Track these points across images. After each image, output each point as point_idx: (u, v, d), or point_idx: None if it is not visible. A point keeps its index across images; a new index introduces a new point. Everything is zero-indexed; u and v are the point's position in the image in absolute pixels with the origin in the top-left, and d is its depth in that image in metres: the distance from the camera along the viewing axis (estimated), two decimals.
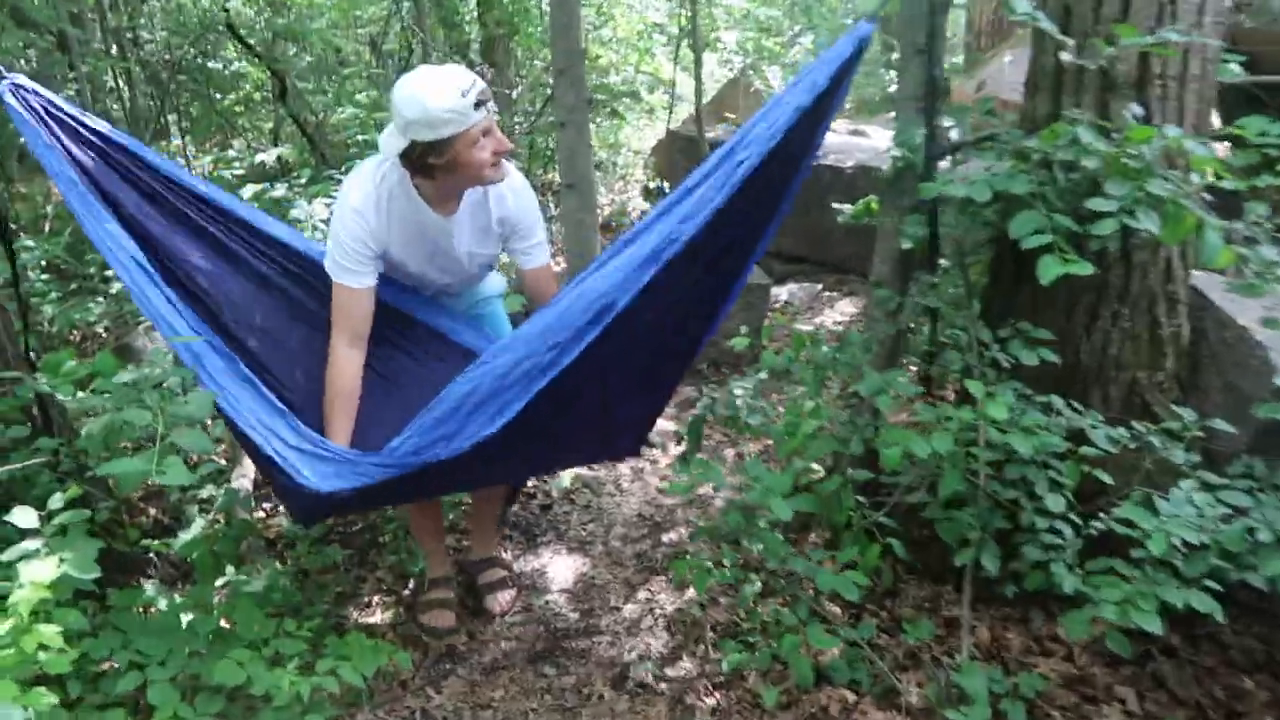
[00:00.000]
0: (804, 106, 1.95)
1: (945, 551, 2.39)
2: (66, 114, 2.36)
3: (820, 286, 5.95)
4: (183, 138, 9.23)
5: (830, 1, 12.58)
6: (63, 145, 2.32)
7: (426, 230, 2.34)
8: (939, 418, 2.14)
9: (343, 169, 4.95)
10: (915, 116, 2.66)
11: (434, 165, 2.17)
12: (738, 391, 2.52)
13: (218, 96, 8.96)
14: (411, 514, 2.83)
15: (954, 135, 2.53)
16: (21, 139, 2.34)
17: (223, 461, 3.69)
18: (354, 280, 2.30)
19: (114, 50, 6.95)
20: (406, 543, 3.07)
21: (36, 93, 2.35)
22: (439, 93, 2.07)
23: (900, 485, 2.38)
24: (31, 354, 2.72)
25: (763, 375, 2.55)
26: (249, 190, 4.42)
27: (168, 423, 2.10)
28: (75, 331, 4.92)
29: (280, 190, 4.49)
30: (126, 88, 7.40)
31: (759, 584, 2.58)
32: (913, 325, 2.72)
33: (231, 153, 5.91)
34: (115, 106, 7.49)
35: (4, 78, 2.34)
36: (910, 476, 2.31)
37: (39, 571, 1.88)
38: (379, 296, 2.38)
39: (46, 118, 2.33)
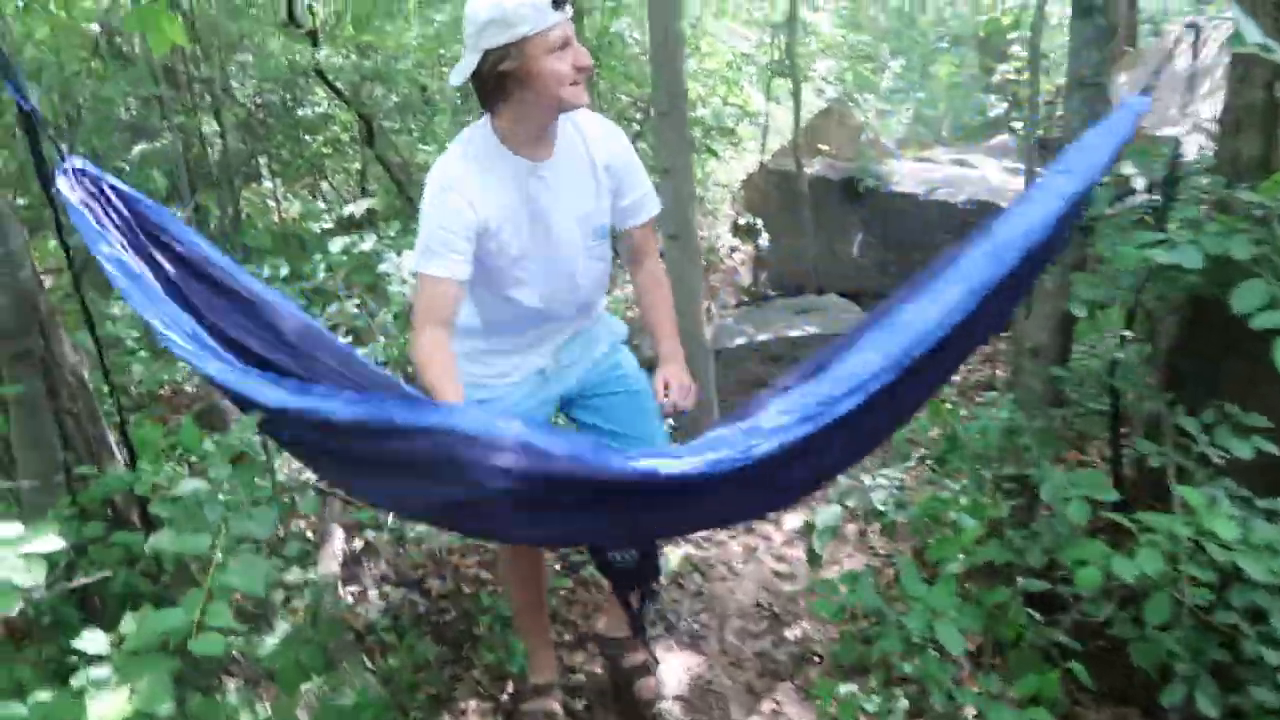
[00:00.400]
0: (1078, 195, 1.76)
1: (1130, 669, 2.03)
2: (121, 197, 2.20)
3: None
4: (273, 180, 9.33)
5: (921, 24, 12.23)
6: (120, 231, 2.16)
7: (523, 184, 2.05)
8: (1141, 530, 1.79)
9: None
10: None
11: (507, 77, 1.92)
12: (881, 481, 2.20)
13: (307, 139, 9.01)
14: (515, 601, 2.58)
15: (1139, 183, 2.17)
16: None
17: (309, 533, 3.51)
18: (442, 266, 1.98)
19: (206, 98, 6.99)
20: (504, 637, 2.81)
21: (94, 176, 2.18)
22: None
23: (1081, 596, 2.02)
24: (122, 418, 2.54)
25: (909, 463, 2.22)
26: (338, 243, 4.27)
27: (226, 547, 1.88)
28: (164, 388, 4.84)
29: (369, 243, 4.32)
30: (219, 134, 7.44)
31: (906, 702, 2.24)
32: (1080, 403, 2.36)
33: (320, 204, 5.83)
34: (210, 150, 7.55)
35: (63, 159, 2.17)
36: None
37: (108, 708, 1.67)
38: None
39: (100, 203, 2.17)
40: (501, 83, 1.93)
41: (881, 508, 2.17)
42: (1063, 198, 1.74)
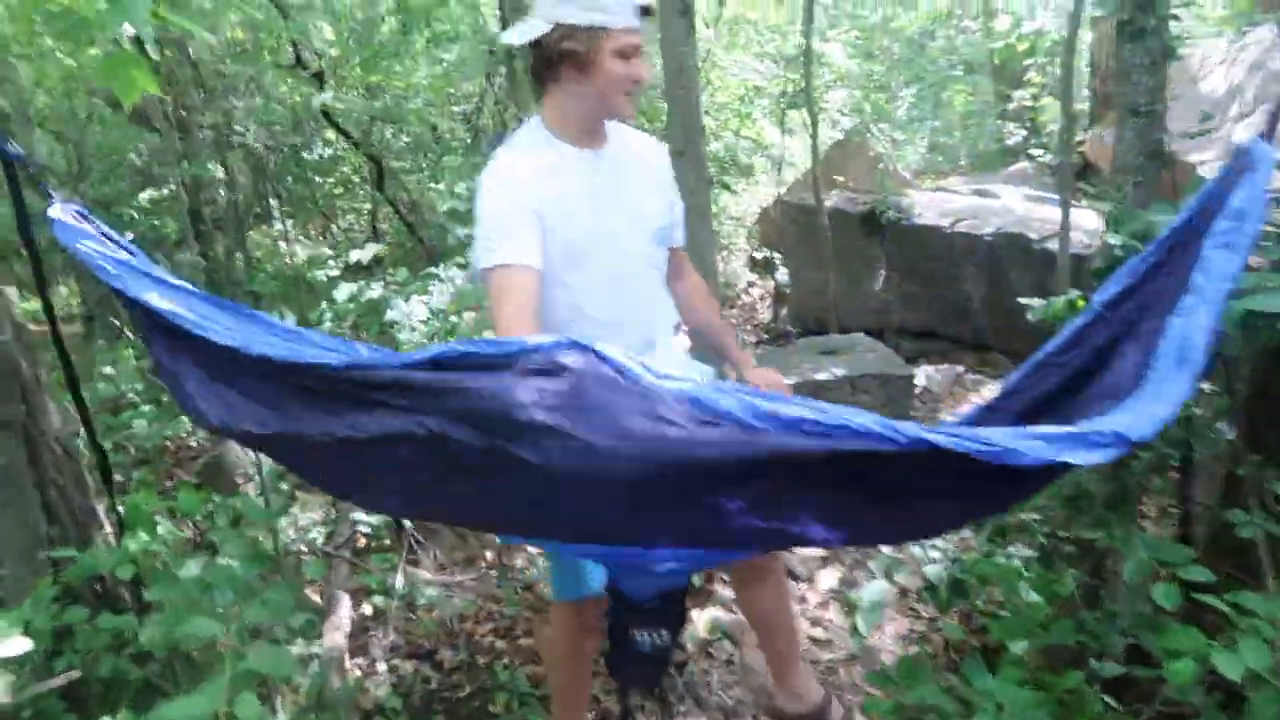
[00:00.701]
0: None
1: None
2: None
3: (960, 369, 5.35)
4: (283, 222, 9.24)
5: (931, 53, 12.11)
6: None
7: (578, 170, 1.92)
8: (1239, 614, 1.58)
9: (442, 263, 4.63)
10: (1136, 193, 2.15)
11: (567, 58, 1.85)
12: (933, 555, 1.99)
13: (317, 180, 8.93)
14: (556, 680, 2.32)
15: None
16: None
17: (315, 598, 3.32)
18: (509, 252, 1.79)
19: (212, 142, 6.91)
20: (523, 715, 2.61)
21: (85, 215, 2.02)
22: None
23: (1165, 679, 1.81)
24: (110, 488, 2.36)
25: (965, 532, 2.02)
26: (344, 291, 4.12)
27: (242, 633, 1.71)
28: (169, 442, 4.69)
29: (376, 289, 4.17)
30: (226, 179, 7.36)
31: None
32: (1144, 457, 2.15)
33: (327, 250, 5.70)
34: (221, 194, 7.46)
35: (51, 200, 2.01)
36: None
37: None
38: None
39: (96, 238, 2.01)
40: (560, 60, 1.87)
41: (935, 582, 1.97)
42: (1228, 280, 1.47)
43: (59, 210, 2.00)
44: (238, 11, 7.10)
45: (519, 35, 1.89)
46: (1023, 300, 2.63)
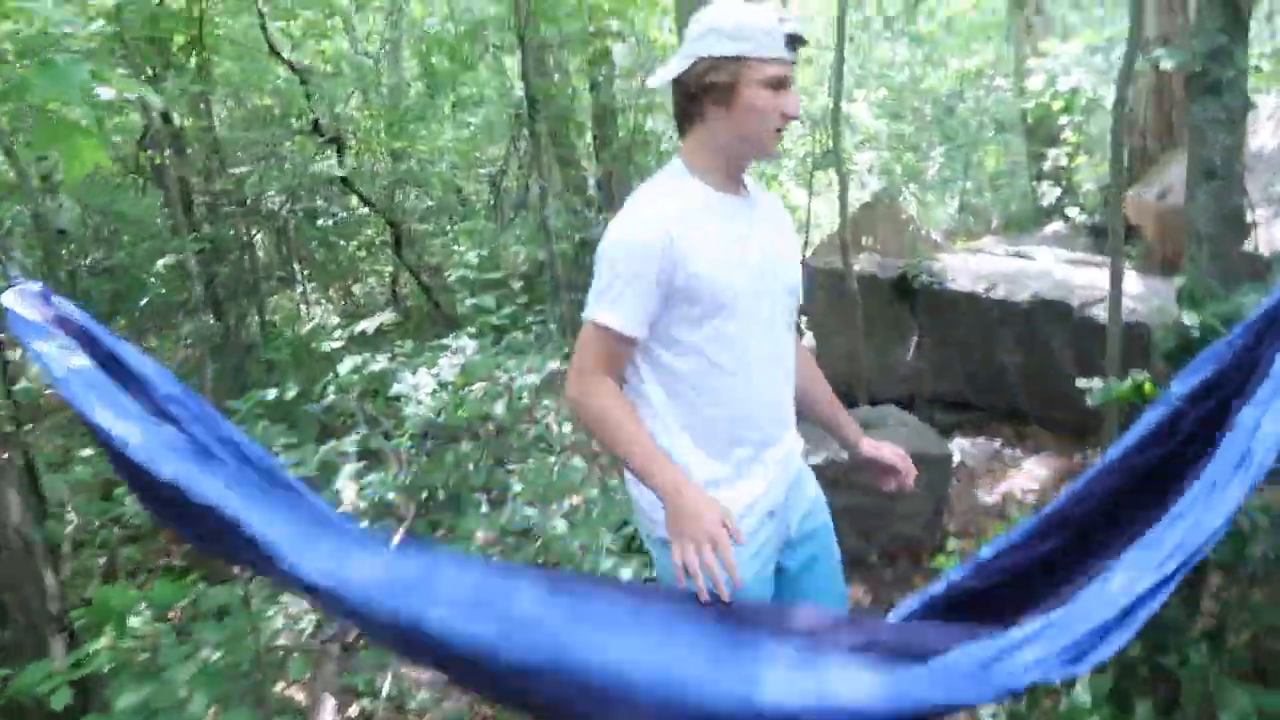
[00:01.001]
0: None
1: None
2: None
3: (998, 443, 5.05)
4: (305, 286, 9.18)
5: (961, 114, 11.97)
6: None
7: (724, 215, 1.77)
8: None
9: (457, 332, 4.46)
10: (1212, 265, 1.90)
11: (710, 91, 1.72)
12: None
13: (340, 243, 8.88)
14: None
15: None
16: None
17: (300, 697, 3.08)
18: (616, 316, 1.68)
19: (233, 207, 6.86)
20: None
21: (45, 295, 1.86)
22: (755, 11, 1.72)
23: None
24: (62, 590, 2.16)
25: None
26: (347, 363, 3.93)
27: None
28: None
29: (381, 362, 3.99)
30: (244, 244, 7.29)
31: None
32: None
33: (334, 320, 5.56)
34: (244, 259, 7.40)
35: (10, 281, 1.86)
36: None
37: None
38: None
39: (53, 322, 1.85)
40: (703, 95, 1.74)
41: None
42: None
43: (13, 298, 1.86)
44: (264, 81, 7.16)
45: (659, 79, 1.78)
46: (1080, 382, 2.38)
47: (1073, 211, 8.23)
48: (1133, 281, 5.10)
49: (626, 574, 3.03)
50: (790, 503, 1.87)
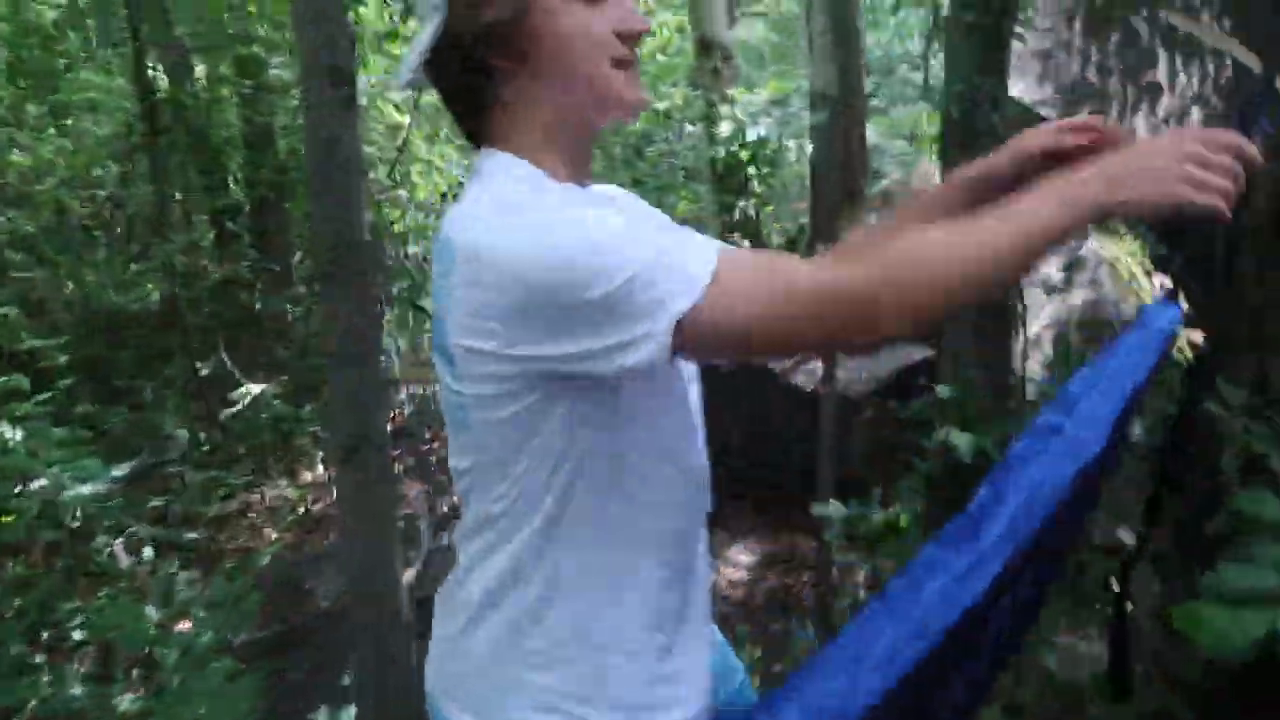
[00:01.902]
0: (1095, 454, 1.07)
1: None
2: None
3: None
4: None
5: (651, 158, 11.86)
6: None
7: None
8: None
9: None
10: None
11: (491, 40, 1.03)
12: None
13: None
14: None
15: None
16: None
17: None
18: (702, 244, 0.97)
19: None
20: None
21: None
22: None
23: None
24: None
25: None
26: None
27: None
28: None
29: None
30: None
31: None
32: None
33: None
34: None
35: None
36: None
37: None
38: None
39: None
40: (486, 54, 1.05)
41: None
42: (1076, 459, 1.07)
43: None
44: None
45: (408, 66, 1.08)
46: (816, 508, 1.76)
47: None
48: None
49: None
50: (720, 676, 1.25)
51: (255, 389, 5.68)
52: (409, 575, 3.76)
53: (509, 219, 0.95)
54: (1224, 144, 0.96)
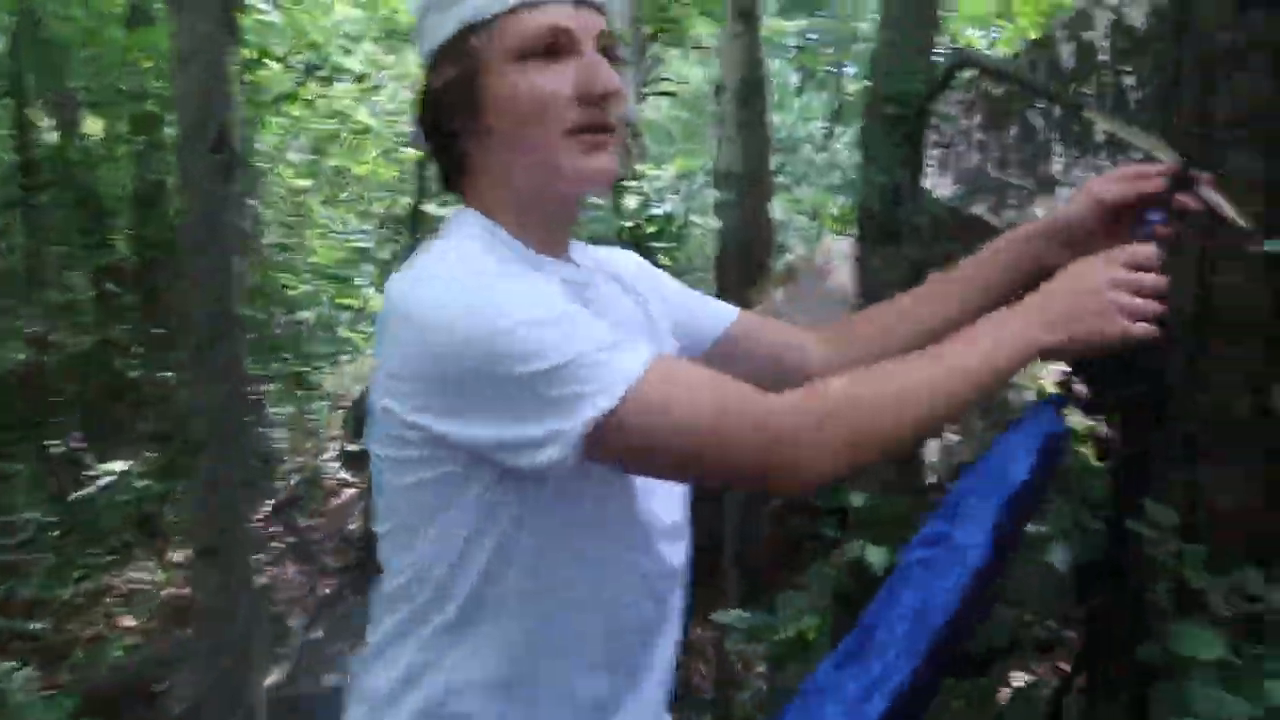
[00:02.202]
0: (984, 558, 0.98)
1: None
2: None
3: None
4: None
5: None
6: None
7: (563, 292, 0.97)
8: None
9: None
10: None
11: (450, 100, 0.96)
12: None
13: None
14: None
15: None
16: None
17: None
18: (630, 348, 0.86)
19: None
20: None
21: None
22: None
23: None
24: None
25: None
26: None
27: None
28: None
29: None
30: None
31: None
32: None
33: None
34: None
35: None
36: None
37: None
38: None
39: None
40: (452, 114, 0.98)
41: None
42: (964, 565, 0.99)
43: None
44: None
45: (414, 124, 1.03)
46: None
47: None
48: None
49: None
50: None
51: (119, 466, 5.26)
52: (274, 677, 3.44)
53: (441, 277, 0.90)
54: (1143, 261, 0.95)
